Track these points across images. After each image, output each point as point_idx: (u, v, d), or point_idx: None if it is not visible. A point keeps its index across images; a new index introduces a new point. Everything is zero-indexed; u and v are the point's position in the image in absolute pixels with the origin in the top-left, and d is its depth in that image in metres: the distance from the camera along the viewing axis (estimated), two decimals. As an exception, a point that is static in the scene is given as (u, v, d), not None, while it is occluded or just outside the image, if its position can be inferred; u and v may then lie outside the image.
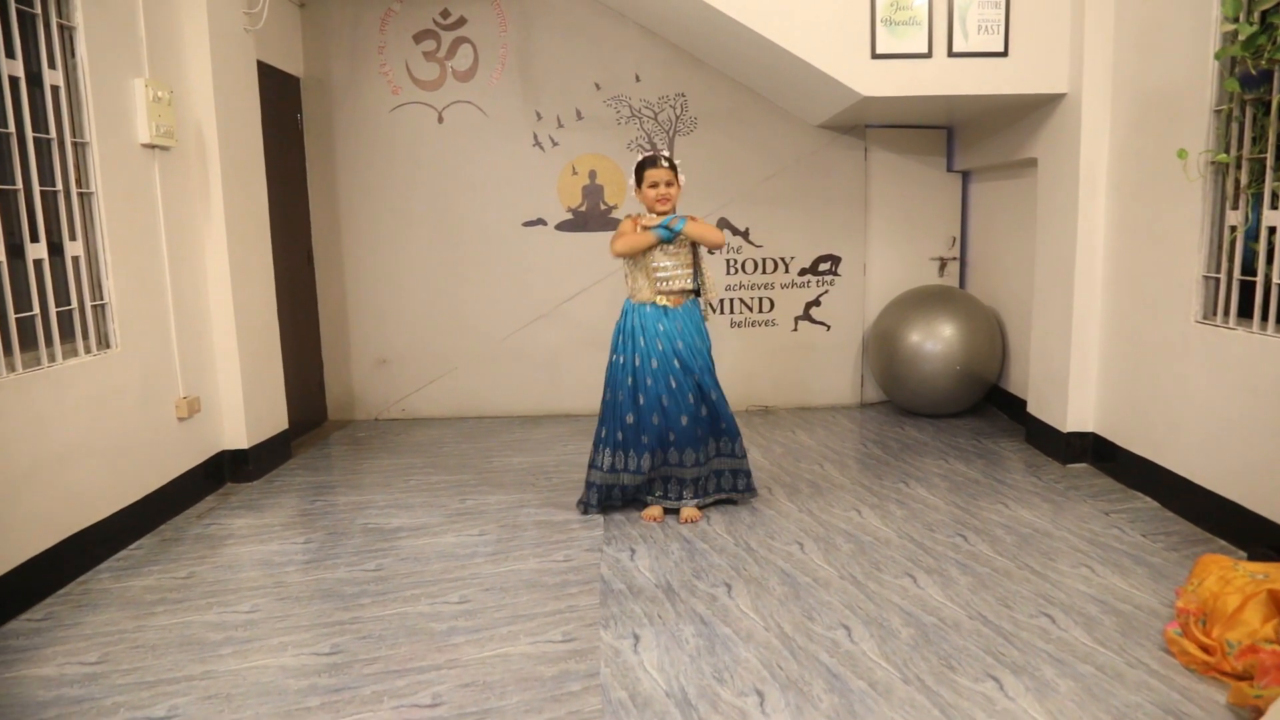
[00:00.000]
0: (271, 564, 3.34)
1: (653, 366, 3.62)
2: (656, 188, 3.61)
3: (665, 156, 3.64)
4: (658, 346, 3.63)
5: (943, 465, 4.45)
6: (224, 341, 4.29)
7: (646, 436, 3.63)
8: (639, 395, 3.64)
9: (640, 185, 3.65)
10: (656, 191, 3.61)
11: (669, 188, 3.62)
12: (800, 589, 3.01)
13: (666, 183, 3.61)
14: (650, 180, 3.62)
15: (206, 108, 4.12)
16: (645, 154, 3.68)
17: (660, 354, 3.62)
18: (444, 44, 5.46)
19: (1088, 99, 4.12)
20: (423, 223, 5.60)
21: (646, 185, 3.63)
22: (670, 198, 3.63)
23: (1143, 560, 3.19)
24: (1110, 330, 4.18)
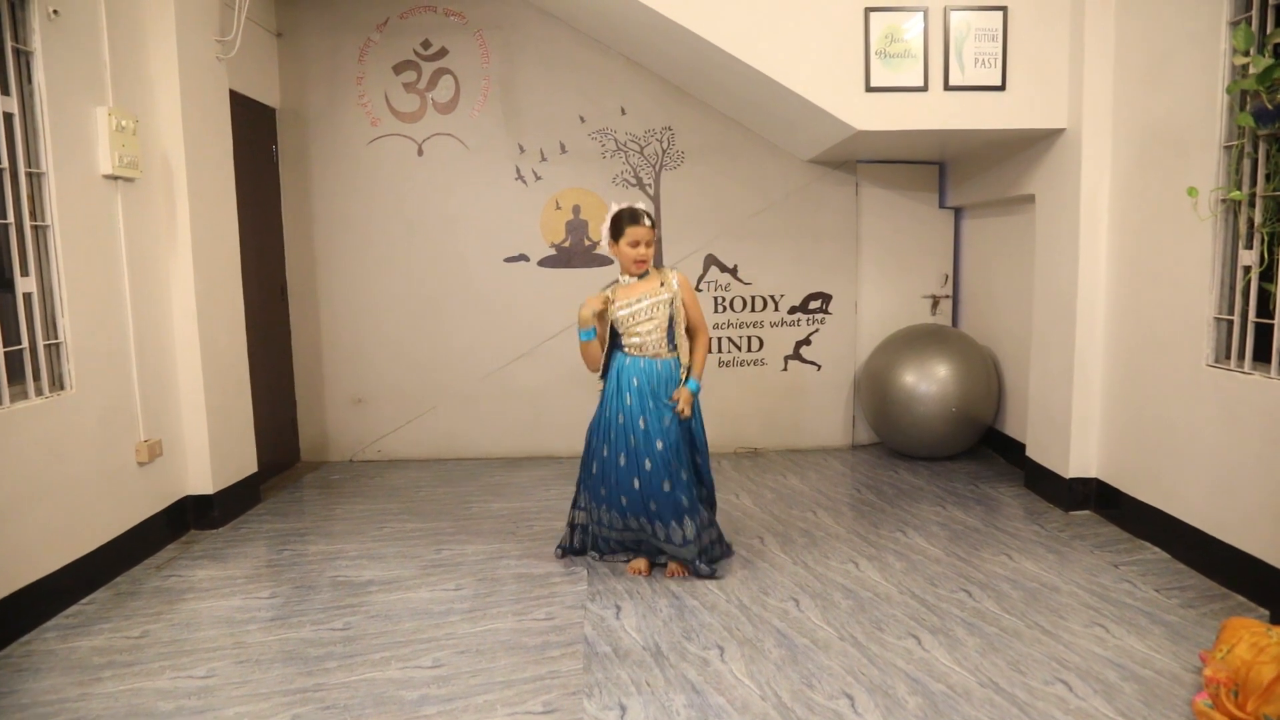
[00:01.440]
0: (232, 622, 3.12)
1: (618, 422, 3.44)
2: (637, 247, 3.39)
3: (647, 214, 3.43)
4: (626, 401, 3.43)
5: (940, 512, 4.27)
6: (189, 381, 4.08)
7: (605, 489, 3.47)
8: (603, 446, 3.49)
9: (617, 240, 3.42)
10: (636, 252, 3.39)
11: (648, 249, 3.41)
12: (798, 652, 2.82)
13: (647, 243, 3.40)
14: (631, 238, 3.38)
15: (174, 138, 3.95)
16: (623, 206, 3.45)
17: (626, 409, 3.43)
18: (424, 75, 5.32)
19: (1088, 134, 4.01)
20: (401, 257, 5.43)
21: (626, 243, 3.39)
22: (648, 259, 3.44)
23: (1158, 619, 3.02)
24: (1114, 372, 4.04)
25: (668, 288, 3.44)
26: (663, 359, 3.45)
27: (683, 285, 3.48)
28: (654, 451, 3.35)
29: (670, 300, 3.44)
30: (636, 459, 3.37)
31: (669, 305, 3.44)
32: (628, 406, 3.40)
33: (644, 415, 3.38)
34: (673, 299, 3.44)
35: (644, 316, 3.42)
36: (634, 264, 3.41)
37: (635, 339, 3.43)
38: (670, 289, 3.44)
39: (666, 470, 3.35)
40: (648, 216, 3.41)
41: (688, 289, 3.50)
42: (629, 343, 3.44)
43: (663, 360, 3.45)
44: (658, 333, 3.43)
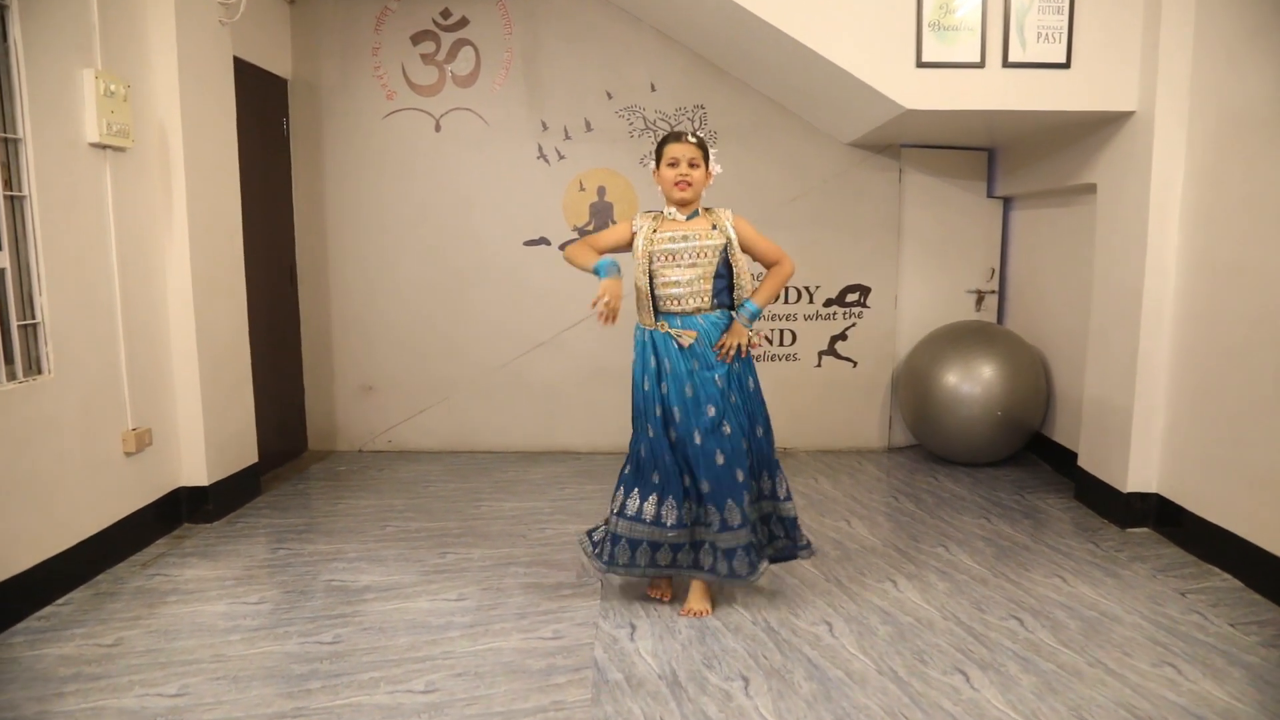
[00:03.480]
0: (214, 630, 2.87)
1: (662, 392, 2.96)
2: (676, 166, 2.91)
3: (693, 133, 2.98)
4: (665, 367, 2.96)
5: (984, 525, 3.95)
6: (184, 366, 3.84)
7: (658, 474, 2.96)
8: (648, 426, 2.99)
9: (659, 164, 2.98)
10: (676, 171, 2.91)
11: (692, 169, 2.91)
12: (831, 686, 2.52)
13: (690, 162, 2.90)
14: (669, 157, 2.92)
15: (171, 106, 3.70)
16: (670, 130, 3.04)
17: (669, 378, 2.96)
18: (444, 46, 5.04)
19: (1162, 117, 3.65)
20: (416, 239, 5.16)
21: (665, 163, 2.94)
22: (692, 181, 2.91)
23: (1236, 659, 2.69)
24: (1181, 379, 3.69)
25: (721, 231, 2.95)
26: (706, 314, 2.97)
27: (740, 227, 2.97)
28: (704, 420, 2.90)
29: (721, 247, 2.94)
30: (686, 432, 2.92)
31: (719, 253, 2.94)
32: (669, 374, 2.94)
33: (690, 382, 2.94)
34: (725, 245, 2.94)
35: (686, 261, 2.93)
36: (674, 187, 2.92)
37: (674, 288, 2.93)
38: (724, 233, 2.94)
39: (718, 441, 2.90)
40: (692, 135, 2.96)
41: (747, 229, 3.00)
42: (664, 292, 2.95)
43: (706, 316, 2.97)
44: (701, 284, 2.94)
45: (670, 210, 3.01)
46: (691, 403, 2.93)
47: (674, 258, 2.94)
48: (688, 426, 2.93)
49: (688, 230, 2.96)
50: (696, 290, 2.95)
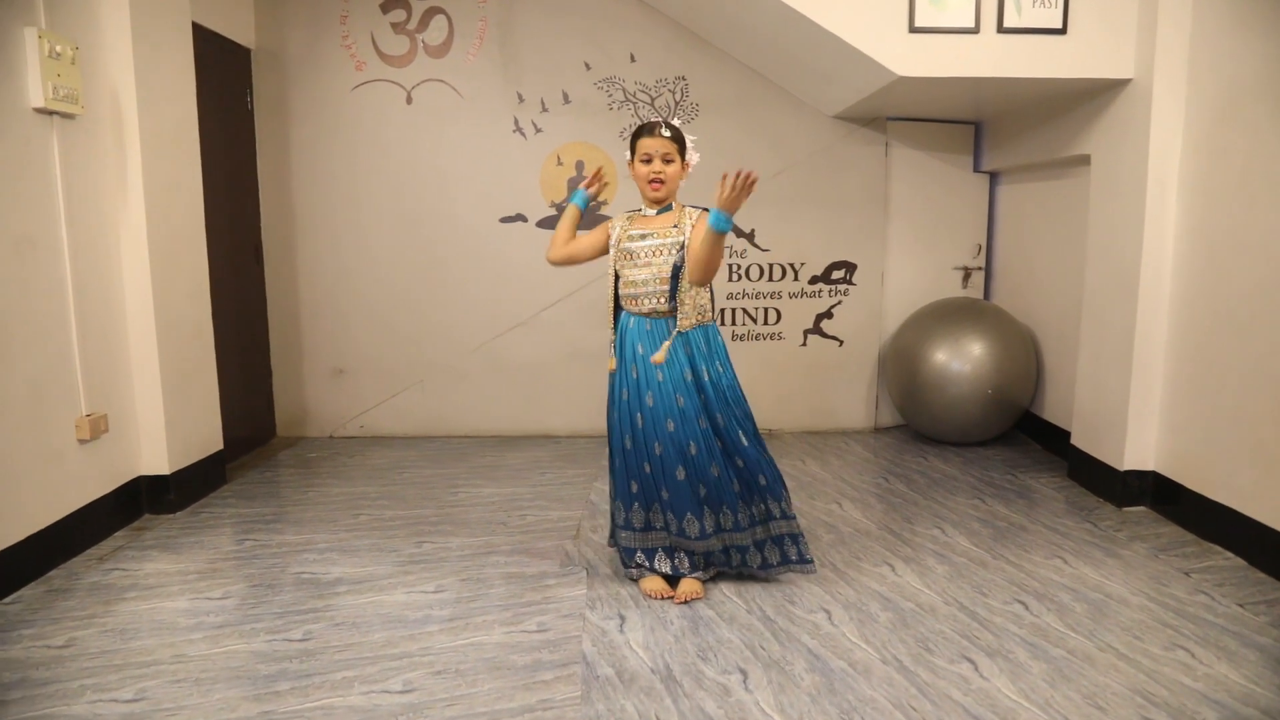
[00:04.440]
0: (175, 628, 2.69)
1: (647, 403, 2.84)
2: (650, 162, 2.78)
3: (668, 123, 2.81)
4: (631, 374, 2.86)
5: (979, 506, 3.84)
6: (142, 349, 3.63)
7: (635, 484, 2.91)
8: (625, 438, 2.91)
9: (632, 158, 2.85)
10: (649, 169, 2.77)
11: (666, 165, 2.77)
12: (834, 678, 2.39)
13: (664, 156, 2.76)
14: (642, 152, 2.79)
15: (124, 71, 3.48)
16: (644, 122, 2.89)
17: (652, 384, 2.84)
18: (415, 14, 4.83)
19: (1160, 85, 3.53)
20: (387, 216, 4.96)
21: (638, 158, 2.81)
22: (665, 179, 2.78)
23: (1249, 641, 2.59)
24: (1179, 354, 3.59)
25: (680, 230, 2.79)
26: (663, 318, 2.84)
27: (698, 225, 2.77)
28: (665, 433, 2.80)
29: (678, 246, 2.78)
30: (644, 442, 2.84)
31: (675, 252, 2.78)
32: (634, 380, 2.84)
33: (651, 390, 2.82)
34: (682, 244, 2.78)
35: (642, 259, 2.81)
36: (648, 184, 2.79)
37: (630, 288, 2.84)
38: (683, 231, 2.79)
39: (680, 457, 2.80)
40: (667, 127, 2.79)
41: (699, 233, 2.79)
42: (624, 292, 2.87)
43: (666, 319, 2.84)
44: (656, 284, 2.79)
45: (644, 208, 2.90)
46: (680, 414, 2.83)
47: (631, 257, 2.84)
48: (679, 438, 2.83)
49: (650, 228, 2.85)
50: (653, 291, 2.83)
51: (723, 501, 2.85)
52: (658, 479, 2.85)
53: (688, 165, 2.87)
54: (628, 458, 2.89)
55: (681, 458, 2.81)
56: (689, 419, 2.81)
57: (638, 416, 2.85)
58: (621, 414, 2.88)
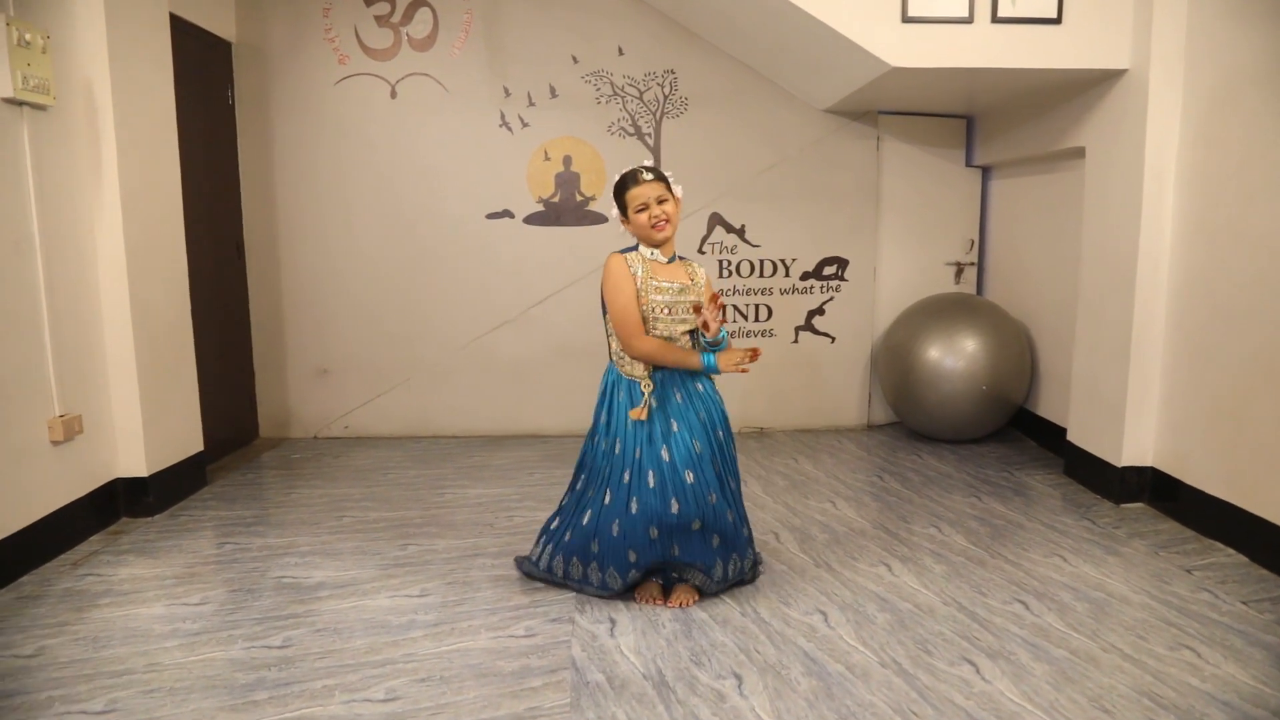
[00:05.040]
0: (150, 636, 2.59)
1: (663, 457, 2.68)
2: (647, 210, 2.65)
3: (646, 166, 2.71)
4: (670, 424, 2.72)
5: (975, 504, 3.78)
6: (118, 348, 3.53)
7: (635, 553, 2.70)
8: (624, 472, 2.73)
9: (625, 212, 2.72)
10: (649, 214, 2.65)
11: (662, 205, 2.66)
12: (831, 682, 2.32)
13: (658, 199, 2.65)
14: (636, 203, 2.66)
15: (98, 62, 3.38)
16: (622, 174, 2.74)
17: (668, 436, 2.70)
18: (399, 7, 4.74)
19: (1156, 75, 3.48)
20: (372, 212, 4.87)
21: (633, 210, 2.68)
22: (670, 218, 2.68)
23: (1255, 639, 2.53)
24: (1178, 348, 3.53)
25: (697, 286, 2.76)
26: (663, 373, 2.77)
27: (707, 287, 2.80)
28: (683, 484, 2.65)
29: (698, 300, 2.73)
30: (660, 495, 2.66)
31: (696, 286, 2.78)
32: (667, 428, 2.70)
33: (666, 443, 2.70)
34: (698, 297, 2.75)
35: (681, 314, 2.71)
36: (653, 229, 2.66)
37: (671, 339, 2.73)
38: (698, 288, 2.76)
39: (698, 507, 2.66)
40: (648, 171, 2.69)
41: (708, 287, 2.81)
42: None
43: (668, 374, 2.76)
44: (685, 339, 2.76)
45: (651, 252, 2.74)
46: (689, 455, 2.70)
47: (671, 311, 2.71)
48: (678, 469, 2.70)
49: (681, 281, 2.74)
50: (684, 342, 2.76)
51: (733, 550, 2.76)
52: (666, 539, 2.67)
53: (679, 200, 2.76)
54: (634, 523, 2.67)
55: (699, 508, 2.66)
56: (705, 464, 2.70)
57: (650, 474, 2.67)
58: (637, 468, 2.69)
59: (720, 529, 2.71)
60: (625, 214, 2.74)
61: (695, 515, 2.64)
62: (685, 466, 2.66)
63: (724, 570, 2.76)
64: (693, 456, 2.68)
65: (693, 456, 2.68)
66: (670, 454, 2.67)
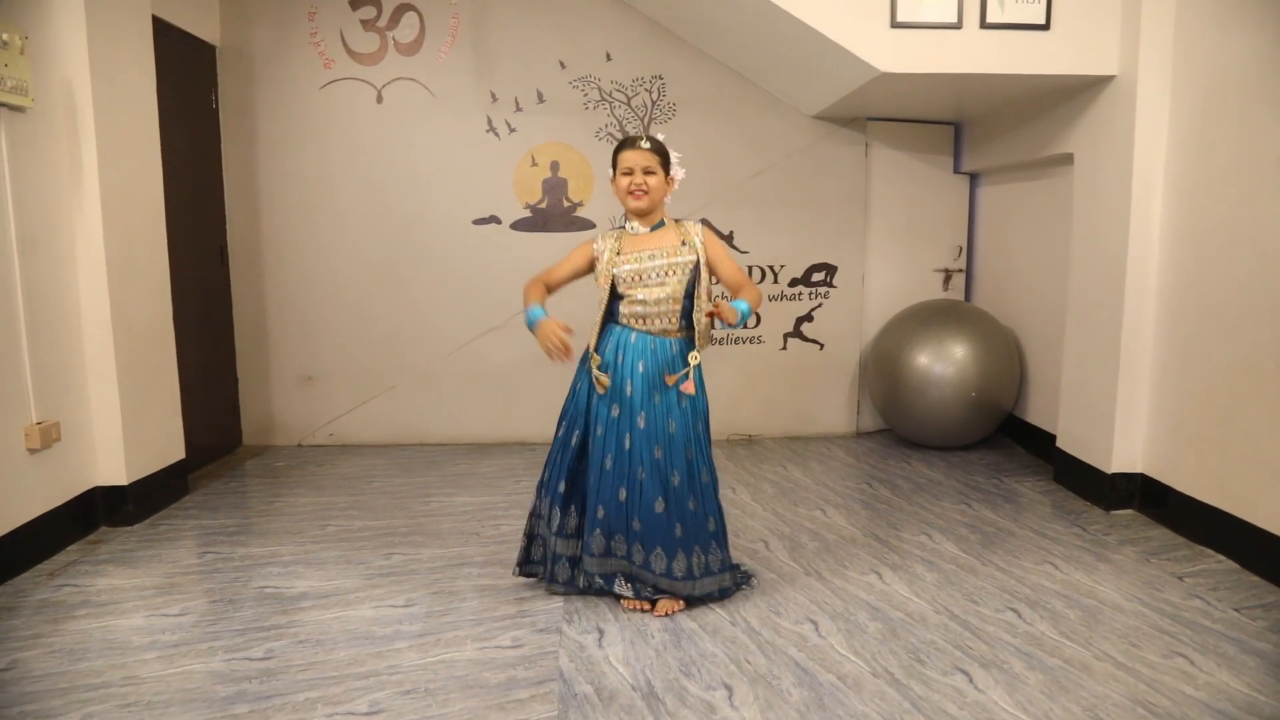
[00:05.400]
0: (128, 648, 2.54)
1: (639, 425, 2.71)
2: (631, 175, 2.69)
3: (650, 137, 2.73)
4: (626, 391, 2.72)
5: (965, 511, 3.76)
6: (98, 353, 3.47)
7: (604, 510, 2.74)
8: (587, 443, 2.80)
9: (614, 173, 2.77)
10: (630, 180, 2.69)
11: (647, 176, 2.68)
12: (823, 693, 2.28)
13: (645, 169, 2.68)
14: (623, 165, 2.71)
15: (79, 64, 3.33)
16: (625, 135, 2.80)
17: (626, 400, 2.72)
18: (385, 11, 4.70)
19: (1145, 81, 3.48)
20: (358, 218, 4.82)
21: (620, 171, 2.73)
22: (648, 190, 2.69)
23: (1248, 647, 2.52)
24: (1167, 354, 3.53)
25: (690, 248, 2.73)
26: (672, 338, 2.76)
27: (709, 242, 2.76)
28: (650, 459, 2.69)
29: (692, 265, 2.72)
30: (629, 465, 2.71)
31: (689, 271, 2.72)
32: (628, 398, 2.72)
33: (644, 410, 2.70)
34: (695, 263, 2.72)
35: (654, 279, 2.71)
36: (629, 196, 2.70)
37: (639, 307, 2.72)
38: (693, 249, 2.73)
39: (661, 487, 2.69)
40: (648, 140, 2.72)
41: (716, 247, 2.78)
42: (630, 310, 2.73)
43: (673, 340, 2.76)
44: (669, 304, 2.72)
45: (633, 225, 2.78)
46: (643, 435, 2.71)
47: (640, 278, 2.72)
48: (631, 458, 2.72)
49: (654, 247, 2.74)
50: (665, 311, 2.73)
51: (695, 542, 2.73)
52: (632, 508, 2.70)
53: (672, 180, 2.78)
54: (603, 479, 2.73)
55: (663, 488, 2.69)
56: (676, 447, 2.71)
57: (626, 438, 2.71)
58: (609, 432, 2.73)
59: (682, 517, 2.69)
60: (614, 174, 2.77)
61: (657, 493, 2.67)
62: (655, 442, 2.69)
63: (687, 564, 2.71)
64: (665, 434, 2.70)
65: (665, 434, 2.70)
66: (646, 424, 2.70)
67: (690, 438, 2.74)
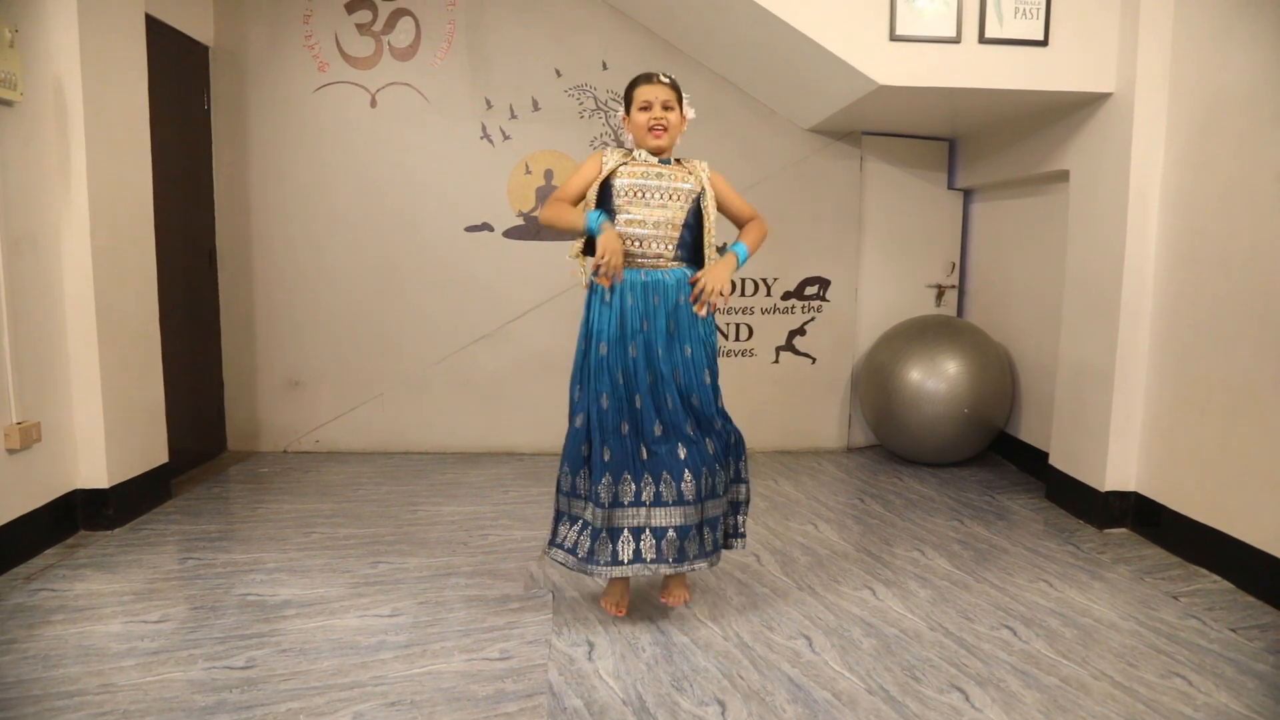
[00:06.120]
0: (105, 654, 2.47)
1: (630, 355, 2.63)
2: (649, 110, 2.60)
3: (665, 73, 2.68)
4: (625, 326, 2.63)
5: (958, 527, 3.73)
6: (82, 354, 3.41)
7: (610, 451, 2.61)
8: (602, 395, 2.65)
9: (628, 109, 2.68)
10: (649, 115, 2.60)
11: (667, 112, 2.61)
12: (818, 710, 2.24)
13: (664, 104, 2.60)
14: (640, 100, 2.61)
15: (69, 59, 3.28)
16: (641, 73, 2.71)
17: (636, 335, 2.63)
18: (381, 15, 4.67)
19: (1142, 99, 3.48)
20: (349, 222, 4.77)
21: (636, 107, 2.63)
22: (667, 126, 2.61)
23: (1245, 668, 2.49)
24: (1162, 372, 3.52)
25: (695, 180, 2.68)
26: (667, 267, 2.66)
27: (715, 179, 2.74)
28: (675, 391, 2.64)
29: (694, 195, 2.66)
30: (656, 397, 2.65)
31: (691, 200, 2.65)
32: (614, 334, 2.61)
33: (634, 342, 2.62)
34: (699, 195, 2.67)
35: (656, 200, 2.62)
36: (648, 133, 2.61)
37: (636, 228, 2.60)
38: (698, 181, 2.68)
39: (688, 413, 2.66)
40: (666, 75, 2.66)
41: (722, 183, 2.75)
42: (624, 230, 2.61)
43: (669, 270, 2.66)
44: (666, 229, 2.62)
45: (640, 153, 2.70)
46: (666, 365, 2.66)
47: (642, 194, 2.63)
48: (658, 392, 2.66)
49: (662, 170, 2.67)
50: (662, 235, 2.63)
51: (703, 464, 2.65)
52: (636, 439, 2.62)
53: (685, 118, 2.73)
54: (604, 419, 2.61)
55: (659, 413, 2.64)
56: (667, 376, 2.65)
57: (618, 373, 2.62)
58: (599, 370, 2.63)
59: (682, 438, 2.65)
60: (629, 110, 2.69)
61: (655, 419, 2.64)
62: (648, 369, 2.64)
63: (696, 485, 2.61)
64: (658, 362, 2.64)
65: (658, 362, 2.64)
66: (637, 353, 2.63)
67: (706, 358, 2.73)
